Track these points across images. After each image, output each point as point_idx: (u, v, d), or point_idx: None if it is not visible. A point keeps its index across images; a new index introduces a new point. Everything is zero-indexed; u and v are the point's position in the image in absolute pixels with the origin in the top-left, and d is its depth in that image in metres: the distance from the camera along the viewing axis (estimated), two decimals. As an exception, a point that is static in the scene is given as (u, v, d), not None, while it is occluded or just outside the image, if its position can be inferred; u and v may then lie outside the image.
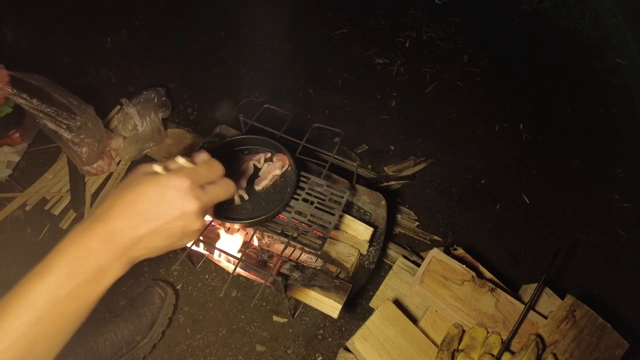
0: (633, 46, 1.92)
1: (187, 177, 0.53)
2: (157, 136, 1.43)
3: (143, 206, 0.51)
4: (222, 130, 1.19)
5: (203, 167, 0.57)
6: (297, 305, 1.24)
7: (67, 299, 0.47)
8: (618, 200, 1.57)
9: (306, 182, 0.93)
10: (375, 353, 0.86)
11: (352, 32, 2.01)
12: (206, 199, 0.55)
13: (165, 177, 0.52)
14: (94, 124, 1.28)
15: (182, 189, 0.52)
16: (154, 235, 0.52)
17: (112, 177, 1.44)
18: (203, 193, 0.55)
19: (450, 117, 1.75)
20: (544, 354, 0.86)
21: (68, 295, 0.47)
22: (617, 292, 1.37)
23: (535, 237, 1.47)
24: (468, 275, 0.93)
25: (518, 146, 1.69)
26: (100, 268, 0.49)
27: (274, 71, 1.81)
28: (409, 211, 1.47)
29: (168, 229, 0.52)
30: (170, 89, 1.68)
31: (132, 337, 1.08)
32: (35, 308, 0.45)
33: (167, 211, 0.51)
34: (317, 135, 1.60)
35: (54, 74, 1.21)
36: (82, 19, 1.87)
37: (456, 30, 2.05)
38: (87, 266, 0.48)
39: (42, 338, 0.46)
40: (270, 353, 1.18)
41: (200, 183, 0.55)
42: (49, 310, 0.46)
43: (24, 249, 1.30)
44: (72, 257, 0.48)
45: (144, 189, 0.51)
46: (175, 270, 1.29)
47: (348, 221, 1.03)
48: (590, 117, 1.81)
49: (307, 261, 1.07)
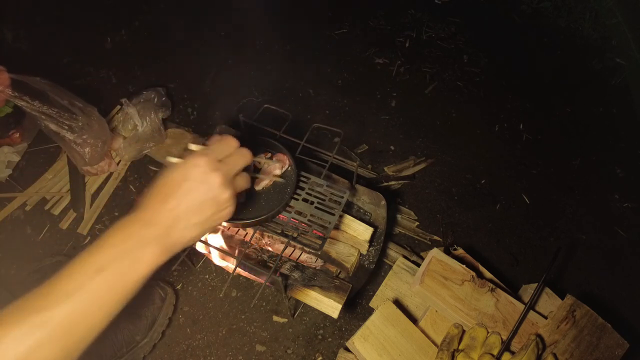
0: (633, 46, 1.92)
1: (202, 154, 0.58)
2: (157, 136, 1.43)
3: (172, 189, 0.55)
4: (222, 130, 1.19)
5: (216, 144, 0.62)
6: (297, 305, 1.24)
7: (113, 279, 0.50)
8: (618, 200, 1.57)
9: (306, 182, 0.93)
10: (375, 353, 0.86)
11: (352, 32, 2.01)
12: (226, 168, 0.59)
13: (184, 162, 0.57)
14: (100, 125, 1.28)
15: (201, 165, 0.57)
16: (189, 212, 0.55)
17: (112, 177, 1.44)
18: (222, 164, 0.59)
19: (450, 117, 1.75)
20: (544, 354, 0.86)
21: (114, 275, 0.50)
22: (617, 292, 1.37)
23: (535, 237, 1.47)
24: (468, 275, 0.93)
25: (518, 146, 1.69)
26: (142, 248, 0.52)
27: (274, 71, 1.81)
28: (409, 211, 1.47)
29: (200, 202, 0.56)
30: (170, 89, 1.68)
31: (132, 337, 1.08)
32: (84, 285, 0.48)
33: (194, 186, 0.56)
34: (317, 135, 1.60)
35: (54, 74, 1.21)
36: (82, 19, 1.87)
37: (456, 30, 2.05)
38: (130, 246, 0.52)
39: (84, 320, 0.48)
40: (270, 353, 1.18)
41: (216, 158, 0.59)
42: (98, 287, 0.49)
43: (24, 249, 1.30)
44: (115, 241, 0.52)
45: (169, 176, 0.57)
46: (175, 270, 1.29)
47: (348, 221, 1.03)
48: (590, 117, 1.81)
49: (307, 261, 1.07)
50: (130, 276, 0.52)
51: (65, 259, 1.21)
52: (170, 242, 0.55)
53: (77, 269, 0.49)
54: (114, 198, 1.41)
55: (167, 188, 0.56)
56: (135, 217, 0.54)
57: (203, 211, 0.57)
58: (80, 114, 1.23)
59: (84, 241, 1.32)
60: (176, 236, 0.55)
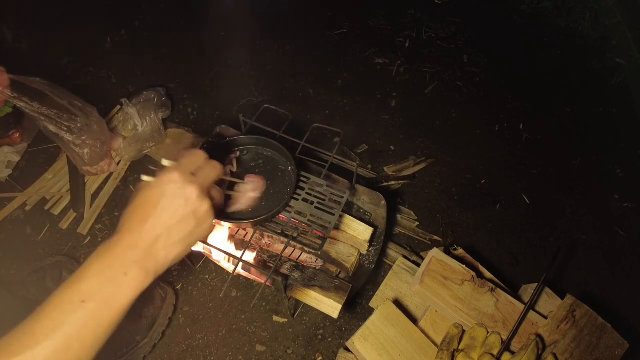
0: (633, 46, 1.92)
1: (174, 170, 0.57)
2: (157, 136, 1.43)
3: (149, 208, 0.54)
4: (222, 130, 1.19)
5: (185, 159, 0.61)
6: (297, 305, 1.24)
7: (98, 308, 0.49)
8: (618, 200, 1.57)
9: (306, 182, 0.93)
10: (375, 353, 0.86)
11: (352, 32, 2.01)
12: (200, 180, 0.59)
13: (157, 179, 0.56)
14: (99, 126, 1.28)
15: (176, 180, 0.56)
16: (170, 230, 0.54)
17: (112, 177, 1.44)
18: (195, 177, 0.58)
19: (450, 117, 1.75)
20: (544, 354, 0.86)
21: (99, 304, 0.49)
22: (617, 292, 1.37)
23: (535, 237, 1.47)
24: (468, 275, 0.93)
25: (518, 146, 1.69)
26: (125, 273, 0.51)
27: (274, 71, 1.81)
28: (409, 211, 1.47)
29: (180, 218, 0.55)
30: (170, 89, 1.68)
31: (132, 337, 1.08)
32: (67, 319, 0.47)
33: (171, 202, 0.55)
34: (317, 135, 1.60)
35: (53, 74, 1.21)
36: (81, 19, 1.87)
37: (456, 30, 2.05)
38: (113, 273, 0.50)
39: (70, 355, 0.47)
40: (270, 353, 1.18)
41: (189, 171, 0.59)
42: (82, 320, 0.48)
43: (24, 249, 1.30)
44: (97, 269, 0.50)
45: (145, 195, 0.55)
46: (175, 270, 1.29)
47: (348, 221, 1.03)
48: (590, 117, 1.81)
49: (307, 261, 1.07)
50: (115, 304, 0.50)
51: (66, 259, 1.21)
52: (154, 263, 0.53)
53: (60, 302, 0.48)
54: (114, 198, 1.41)
55: (144, 208, 0.54)
56: (116, 242, 0.52)
57: (184, 227, 0.56)
58: (80, 115, 1.23)
59: (84, 241, 1.32)
60: (159, 257, 0.54)
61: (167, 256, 0.55)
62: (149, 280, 0.53)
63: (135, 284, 0.51)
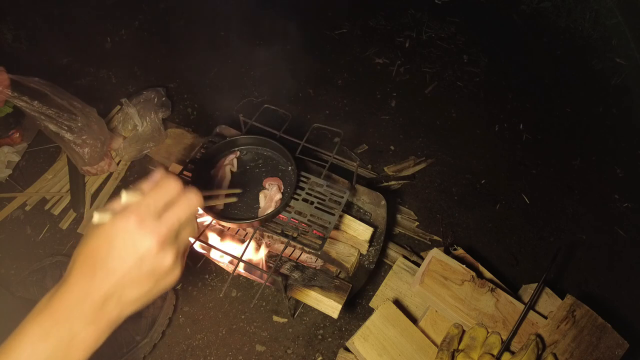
0: (633, 46, 1.92)
1: (131, 214, 0.46)
2: (157, 136, 1.43)
3: (98, 260, 0.45)
4: (222, 130, 1.19)
5: (152, 193, 0.48)
6: (297, 305, 1.24)
7: None
8: (618, 200, 1.57)
9: (306, 182, 0.93)
10: (375, 353, 0.86)
11: (352, 32, 2.01)
12: (163, 229, 0.46)
13: (109, 224, 0.46)
14: (99, 125, 1.28)
15: (128, 230, 0.45)
16: (123, 288, 0.45)
17: (112, 177, 1.44)
18: (158, 223, 0.46)
19: (450, 117, 1.75)
20: (544, 353, 0.86)
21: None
22: (617, 292, 1.37)
23: (535, 237, 1.47)
24: (468, 275, 0.93)
25: (518, 146, 1.69)
26: (72, 336, 0.44)
27: (274, 71, 1.81)
28: (409, 211, 1.47)
29: (134, 276, 0.45)
30: (170, 89, 1.68)
31: (132, 337, 1.08)
32: None
33: (123, 259, 0.45)
34: (317, 135, 1.60)
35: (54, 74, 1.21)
36: (81, 19, 1.87)
37: (456, 30, 2.05)
38: (57, 336, 0.43)
39: None
40: (270, 353, 1.18)
41: (153, 212, 0.47)
42: None
43: (24, 249, 1.30)
44: (40, 329, 0.43)
45: (94, 244, 0.46)
46: (175, 270, 1.29)
47: (348, 221, 1.03)
48: (590, 117, 1.81)
49: (307, 261, 1.07)
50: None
51: (66, 259, 1.21)
52: (106, 321, 0.46)
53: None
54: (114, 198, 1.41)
55: (92, 258, 0.45)
56: (62, 296, 0.45)
57: (139, 286, 0.46)
58: (80, 115, 1.23)
59: (84, 241, 1.32)
60: (113, 314, 0.46)
61: (122, 313, 0.47)
62: (105, 336, 0.47)
63: (89, 343, 0.45)
